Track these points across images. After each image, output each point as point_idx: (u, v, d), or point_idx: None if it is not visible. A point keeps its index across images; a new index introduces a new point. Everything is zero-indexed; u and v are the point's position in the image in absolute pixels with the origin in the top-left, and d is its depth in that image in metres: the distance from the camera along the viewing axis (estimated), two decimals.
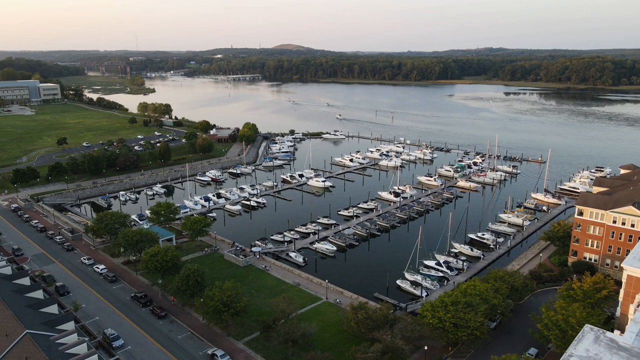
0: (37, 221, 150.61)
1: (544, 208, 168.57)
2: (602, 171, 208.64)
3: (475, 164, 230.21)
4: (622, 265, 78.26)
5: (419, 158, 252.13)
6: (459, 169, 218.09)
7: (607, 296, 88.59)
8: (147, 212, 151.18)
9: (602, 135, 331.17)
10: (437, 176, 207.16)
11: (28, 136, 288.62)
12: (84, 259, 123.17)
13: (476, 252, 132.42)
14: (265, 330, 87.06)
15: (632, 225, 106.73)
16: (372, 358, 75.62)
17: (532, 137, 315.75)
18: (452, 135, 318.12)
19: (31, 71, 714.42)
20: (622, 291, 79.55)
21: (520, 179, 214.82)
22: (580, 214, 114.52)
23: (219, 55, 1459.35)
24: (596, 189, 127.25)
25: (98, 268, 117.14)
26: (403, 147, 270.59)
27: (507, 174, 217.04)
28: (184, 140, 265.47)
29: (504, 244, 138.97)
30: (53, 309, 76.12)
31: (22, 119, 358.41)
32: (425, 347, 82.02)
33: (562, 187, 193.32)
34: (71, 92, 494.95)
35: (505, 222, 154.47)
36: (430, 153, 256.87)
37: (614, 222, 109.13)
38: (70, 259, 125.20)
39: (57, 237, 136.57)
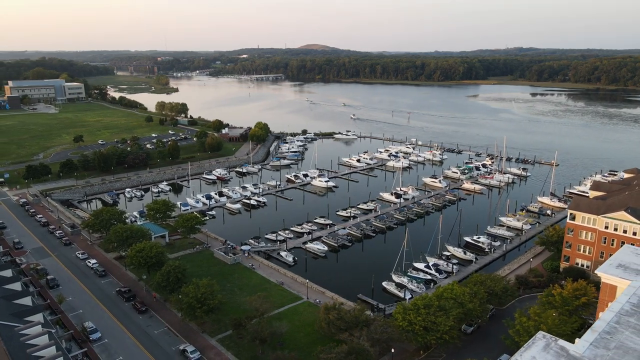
0: (41, 216, 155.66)
1: (548, 212, 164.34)
2: (615, 175, 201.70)
3: (484, 165, 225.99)
4: (596, 272, 75.72)
5: (428, 159, 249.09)
6: (466, 171, 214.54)
7: (586, 304, 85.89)
8: (146, 209, 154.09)
9: (625, 137, 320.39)
10: (442, 178, 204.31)
11: (48, 134, 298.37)
12: (79, 253, 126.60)
13: (469, 256, 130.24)
14: (237, 328, 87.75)
15: (625, 232, 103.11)
16: (335, 359, 75.29)
17: (549, 139, 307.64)
18: (467, 137, 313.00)
19: (62, 71, 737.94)
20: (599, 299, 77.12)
21: (530, 182, 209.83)
22: (573, 218, 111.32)
23: (245, 55, 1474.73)
24: (593, 193, 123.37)
25: (90, 262, 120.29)
26: (413, 148, 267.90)
27: (516, 177, 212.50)
28: (195, 139, 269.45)
29: (500, 248, 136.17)
30: (27, 300, 78.68)
31: (46, 117, 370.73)
32: (392, 350, 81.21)
33: (571, 190, 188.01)
34: (95, 91, 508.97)
35: (504, 226, 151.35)
36: (440, 154, 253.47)
37: (606, 227, 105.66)
38: (66, 253, 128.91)
39: (57, 232, 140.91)
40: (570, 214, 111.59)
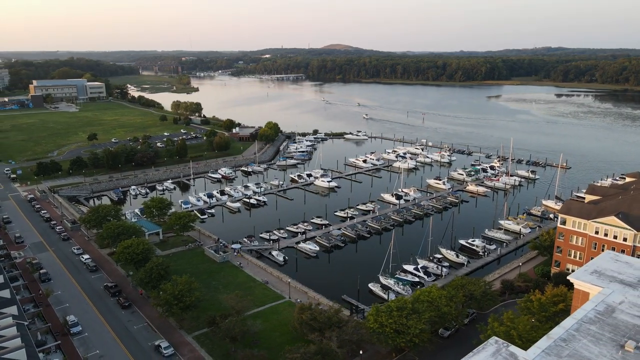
0: (45, 211, 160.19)
1: (551, 216, 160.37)
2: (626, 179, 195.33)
3: (492, 167, 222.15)
4: (568, 277, 73.73)
5: (436, 160, 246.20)
6: (472, 173, 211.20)
7: (564, 310, 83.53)
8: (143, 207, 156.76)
9: None
10: (446, 179, 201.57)
11: (65, 132, 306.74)
12: (75, 248, 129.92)
13: (461, 259, 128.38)
14: (211, 326, 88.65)
15: (615, 237, 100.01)
16: (300, 359, 75.35)
17: (565, 141, 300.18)
18: (480, 138, 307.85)
19: (89, 70, 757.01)
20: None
21: (539, 185, 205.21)
22: (564, 223, 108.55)
23: (267, 55, 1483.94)
24: (588, 197, 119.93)
25: (83, 258, 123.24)
26: (422, 149, 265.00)
27: (523, 179, 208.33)
28: (205, 138, 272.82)
29: (494, 252, 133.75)
30: (5, 293, 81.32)
31: (65, 116, 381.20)
32: (361, 352, 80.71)
33: (578, 194, 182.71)
34: (116, 91, 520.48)
35: (502, 229, 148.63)
36: (448, 156, 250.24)
37: (596, 232, 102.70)
38: (63, 248, 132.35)
39: (58, 227, 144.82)
40: (561, 218, 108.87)
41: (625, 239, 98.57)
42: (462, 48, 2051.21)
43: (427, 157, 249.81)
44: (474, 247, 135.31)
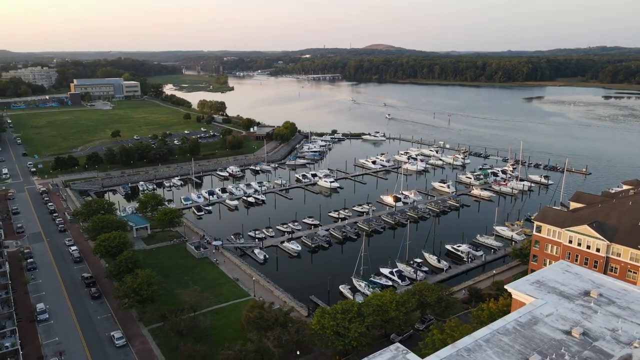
0: (52, 204, 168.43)
1: None
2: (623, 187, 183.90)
3: (504, 172, 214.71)
4: (505, 287, 70.86)
5: (449, 163, 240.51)
6: (480, 176, 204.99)
7: None
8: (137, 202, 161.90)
9: None
10: (450, 183, 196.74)
11: (94, 128, 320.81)
12: (67, 240, 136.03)
13: (442, 264, 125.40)
14: (162, 320, 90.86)
15: (588, 247, 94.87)
16: (232, 357, 76.10)
17: (594, 145, 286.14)
18: (503, 140, 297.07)
19: (134, 70, 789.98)
20: None
21: (552, 191, 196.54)
22: (539, 230, 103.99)
23: (307, 55, 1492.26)
24: (573, 205, 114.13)
25: (71, 249, 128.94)
26: (437, 151, 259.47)
27: (535, 184, 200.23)
28: (221, 137, 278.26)
29: (479, 258, 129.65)
30: None
31: (99, 113, 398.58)
32: (298, 352, 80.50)
33: None
34: (152, 90, 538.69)
35: (494, 235, 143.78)
36: (462, 158, 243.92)
37: (570, 242, 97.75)
38: (57, 240, 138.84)
39: (58, 220, 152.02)
40: (537, 225, 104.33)
41: (598, 250, 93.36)
42: (510, 47, 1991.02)
43: (440, 159, 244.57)
44: (458, 253, 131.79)
